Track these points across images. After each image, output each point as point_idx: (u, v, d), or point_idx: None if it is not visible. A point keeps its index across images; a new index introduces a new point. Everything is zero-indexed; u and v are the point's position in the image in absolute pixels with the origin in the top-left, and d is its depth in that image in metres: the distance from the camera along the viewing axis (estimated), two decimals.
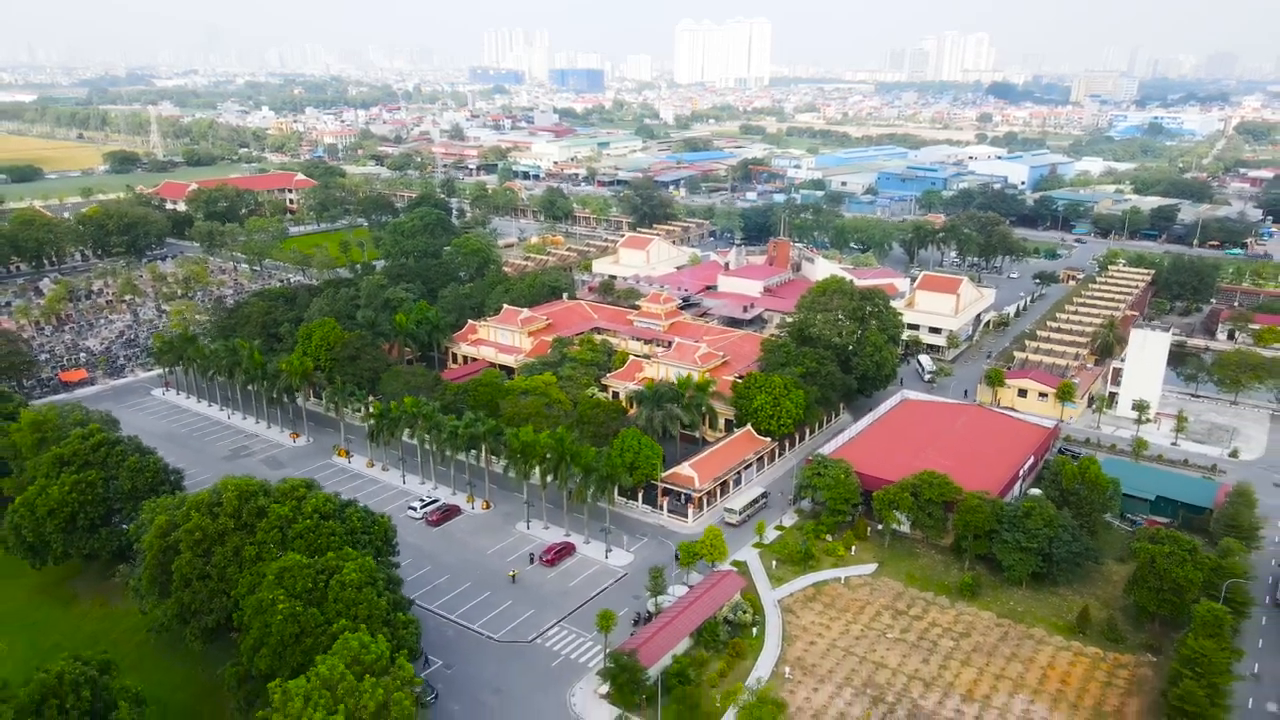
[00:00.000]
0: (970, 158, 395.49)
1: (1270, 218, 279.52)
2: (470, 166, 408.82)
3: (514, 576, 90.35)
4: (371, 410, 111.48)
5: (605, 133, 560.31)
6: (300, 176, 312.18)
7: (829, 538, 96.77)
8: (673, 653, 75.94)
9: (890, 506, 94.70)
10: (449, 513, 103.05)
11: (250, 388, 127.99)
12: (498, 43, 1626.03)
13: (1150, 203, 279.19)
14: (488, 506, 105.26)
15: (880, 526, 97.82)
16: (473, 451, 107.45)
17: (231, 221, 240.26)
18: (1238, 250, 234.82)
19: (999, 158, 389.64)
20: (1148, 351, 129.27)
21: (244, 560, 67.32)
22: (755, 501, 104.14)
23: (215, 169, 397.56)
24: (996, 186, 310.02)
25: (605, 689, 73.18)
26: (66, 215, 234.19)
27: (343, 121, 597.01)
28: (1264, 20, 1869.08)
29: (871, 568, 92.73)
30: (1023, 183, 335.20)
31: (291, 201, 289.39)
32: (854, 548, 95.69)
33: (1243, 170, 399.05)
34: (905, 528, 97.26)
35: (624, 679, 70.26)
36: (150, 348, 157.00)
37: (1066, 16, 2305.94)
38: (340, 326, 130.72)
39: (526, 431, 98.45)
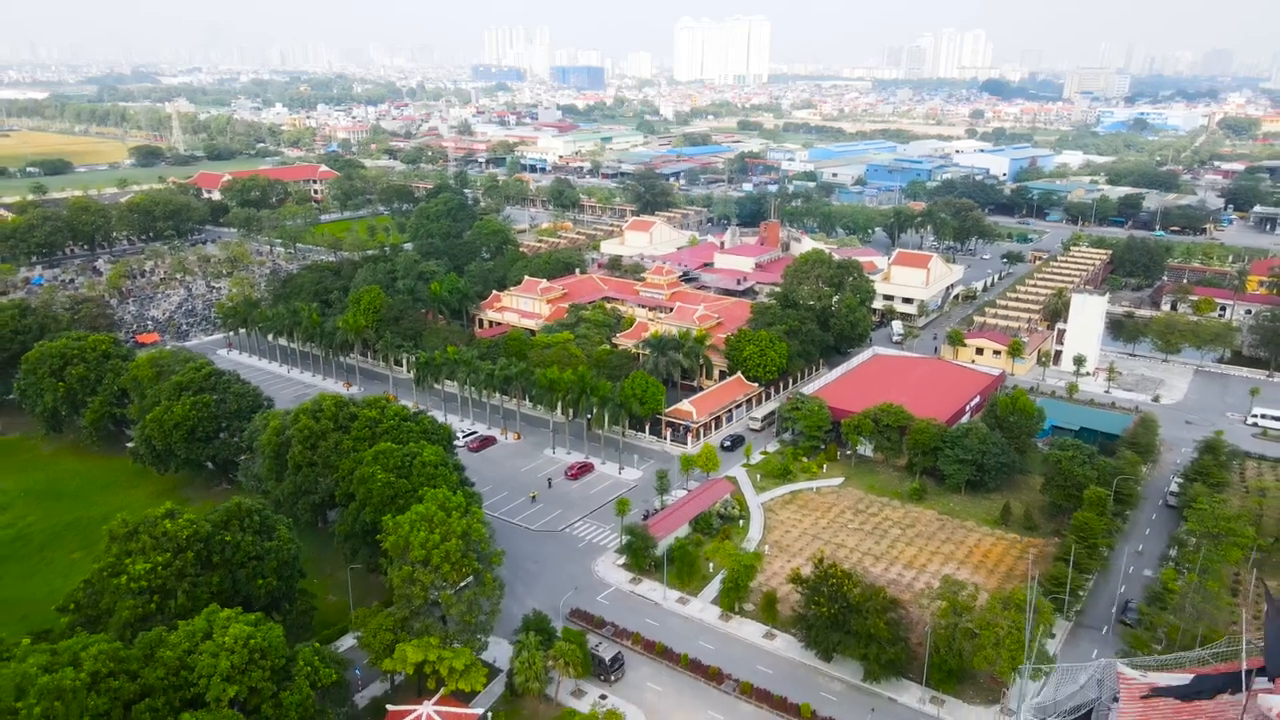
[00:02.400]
0: (956, 151, 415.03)
1: (1231, 206, 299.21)
2: (480, 160, 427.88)
3: (534, 497, 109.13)
4: (417, 359, 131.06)
5: (607, 128, 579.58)
6: (324, 168, 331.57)
7: (805, 459, 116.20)
8: (675, 535, 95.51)
9: (855, 432, 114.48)
10: (486, 441, 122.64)
11: (307, 346, 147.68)
12: (498, 40, 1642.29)
13: (1120, 192, 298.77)
14: (519, 437, 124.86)
15: (848, 451, 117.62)
16: (502, 396, 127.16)
17: (264, 209, 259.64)
18: (1161, 233, 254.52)
19: (981, 151, 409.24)
20: (1086, 313, 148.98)
21: (343, 451, 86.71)
22: (771, 414, 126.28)
23: (235, 162, 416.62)
24: (978, 178, 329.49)
25: (622, 560, 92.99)
26: (106, 204, 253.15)
27: (354, 118, 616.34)
28: (1262, 17, 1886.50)
29: (839, 481, 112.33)
30: (1004, 174, 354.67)
31: (316, 191, 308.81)
32: (825, 466, 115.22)
33: (1217, 163, 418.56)
34: (868, 451, 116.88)
35: (638, 546, 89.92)
36: (209, 316, 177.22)
37: (1065, 13, 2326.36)
38: (383, 293, 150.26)
39: (553, 371, 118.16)
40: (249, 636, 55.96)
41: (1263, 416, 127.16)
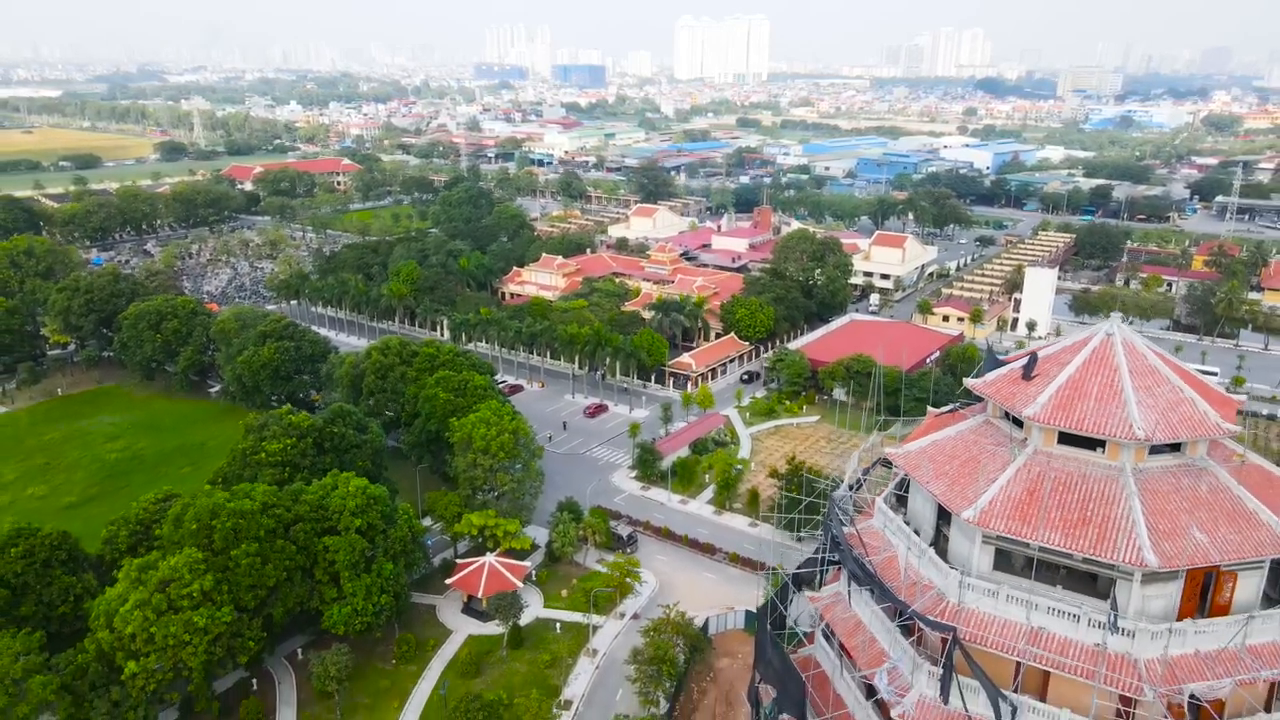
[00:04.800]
0: (944, 146, 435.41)
1: (1197, 196, 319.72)
2: (489, 155, 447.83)
3: (550, 437, 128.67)
4: (453, 320, 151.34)
5: (610, 125, 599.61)
6: (346, 161, 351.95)
7: (788, 402, 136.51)
8: (678, 454, 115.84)
9: (830, 377, 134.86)
10: (515, 389, 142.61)
11: (353, 314, 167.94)
12: (499, 39, 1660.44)
13: (1092, 184, 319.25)
14: (543, 385, 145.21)
15: (825, 396, 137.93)
16: (527, 353, 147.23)
17: (295, 198, 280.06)
18: (1089, 217, 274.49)
19: (967, 146, 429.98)
20: (1038, 284, 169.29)
21: (408, 380, 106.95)
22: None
23: (254, 157, 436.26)
24: (961, 171, 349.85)
25: (634, 473, 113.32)
26: (153, 192, 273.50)
27: (365, 115, 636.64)
28: (1262, 17, 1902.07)
29: (816, 419, 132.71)
30: (987, 168, 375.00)
31: (340, 183, 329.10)
32: (804, 408, 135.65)
33: (1193, 158, 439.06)
34: (842, 396, 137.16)
35: (647, 459, 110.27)
36: (257, 290, 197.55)
37: (1065, 12, 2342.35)
38: (418, 267, 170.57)
39: (572, 327, 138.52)
40: (365, 488, 76.29)
41: None
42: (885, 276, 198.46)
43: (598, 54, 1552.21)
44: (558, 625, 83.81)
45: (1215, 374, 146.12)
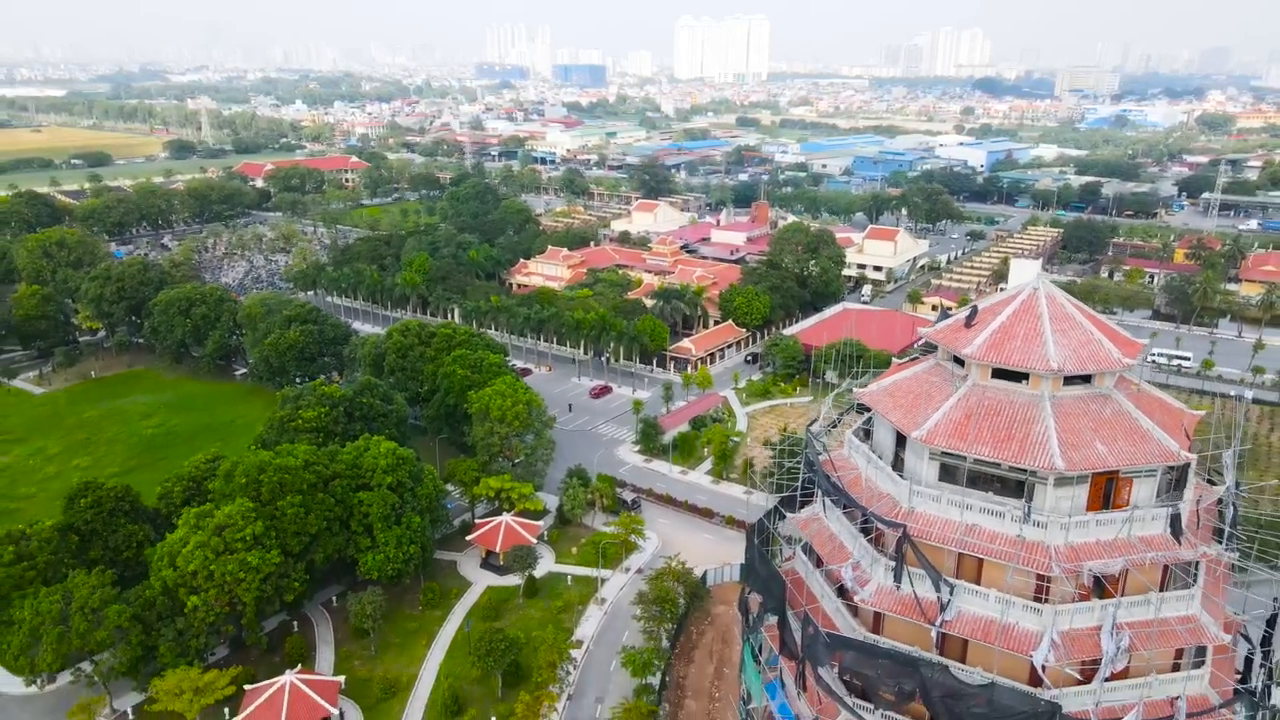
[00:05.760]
0: (939, 145, 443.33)
1: (1185, 193, 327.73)
2: (493, 153, 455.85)
3: (556, 417, 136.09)
4: (465, 308, 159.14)
5: (611, 124, 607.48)
6: (354, 159, 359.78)
7: (783, 384, 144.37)
8: (678, 430, 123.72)
9: (822, 360, 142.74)
10: (524, 372, 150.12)
11: (367, 304, 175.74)
12: (500, 39, 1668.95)
13: (1082, 180, 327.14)
14: (550, 369, 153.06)
15: (818, 379, 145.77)
16: (535, 339, 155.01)
17: (306, 194, 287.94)
18: (1064, 212, 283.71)
19: (962, 144, 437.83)
20: (1022, 274, 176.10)
21: (426, 358, 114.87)
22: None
23: (261, 156, 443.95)
24: (955, 169, 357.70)
25: (637, 447, 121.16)
26: (169, 188, 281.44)
27: (369, 114, 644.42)
28: (1262, 17, 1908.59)
29: (808, 399, 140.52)
30: (981, 165, 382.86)
31: (348, 180, 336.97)
32: (798, 389, 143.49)
33: (1185, 156, 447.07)
34: (833, 378, 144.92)
35: (650, 432, 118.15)
36: (273, 282, 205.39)
37: (1065, 12, 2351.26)
38: (430, 258, 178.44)
39: (578, 313, 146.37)
40: (395, 449, 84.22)
41: (1157, 354, 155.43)
42: (878, 268, 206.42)
43: (598, 54, 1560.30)
44: (569, 578, 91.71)
45: (1188, 358, 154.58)
